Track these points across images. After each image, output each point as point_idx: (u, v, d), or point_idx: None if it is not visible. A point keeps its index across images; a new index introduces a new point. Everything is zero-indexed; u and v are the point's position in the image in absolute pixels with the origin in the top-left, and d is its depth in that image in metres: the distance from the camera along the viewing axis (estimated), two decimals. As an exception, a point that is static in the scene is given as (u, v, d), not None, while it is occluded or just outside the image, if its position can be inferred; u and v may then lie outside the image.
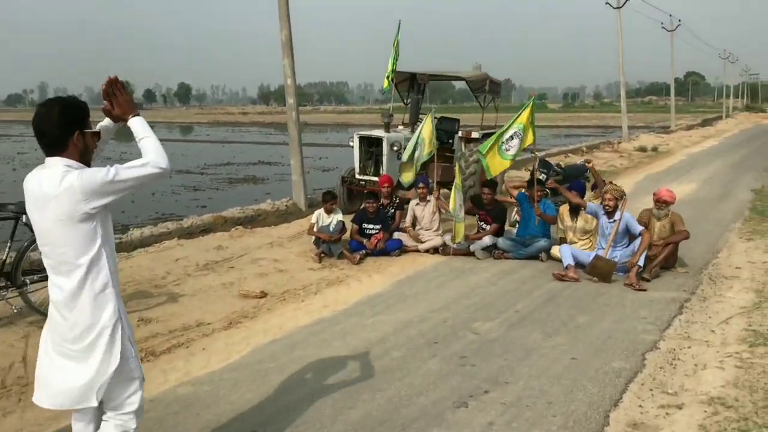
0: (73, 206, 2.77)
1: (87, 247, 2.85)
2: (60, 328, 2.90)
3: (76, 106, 2.93)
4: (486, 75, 11.88)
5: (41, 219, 2.85)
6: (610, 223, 8.05)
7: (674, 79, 53.40)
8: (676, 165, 21.87)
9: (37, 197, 2.84)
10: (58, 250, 2.86)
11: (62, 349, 2.91)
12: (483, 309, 6.71)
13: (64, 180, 2.76)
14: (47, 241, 2.88)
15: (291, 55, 13.56)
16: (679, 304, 6.86)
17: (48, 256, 2.91)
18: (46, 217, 2.82)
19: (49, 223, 2.82)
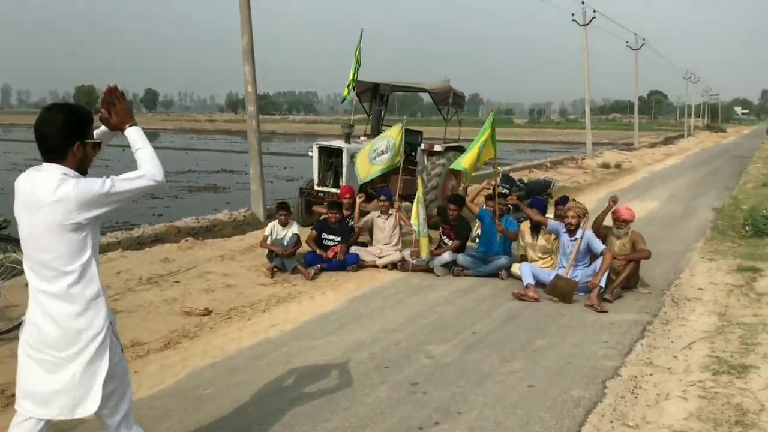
0: (66, 215, 2.75)
1: (76, 256, 2.83)
2: (42, 335, 2.86)
3: (81, 114, 2.91)
4: (449, 87, 11.65)
5: (30, 223, 2.81)
6: (571, 242, 7.84)
7: (638, 98, 54.10)
8: (638, 182, 21.94)
9: (29, 200, 2.81)
10: (44, 255, 2.82)
11: (43, 356, 2.86)
12: (439, 330, 6.40)
13: (59, 188, 2.73)
14: (32, 246, 2.85)
15: (252, 61, 13.19)
16: (641, 327, 6.64)
17: (31, 260, 2.87)
18: (35, 222, 2.79)
19: (39, 229, 2.79)
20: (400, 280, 8.42)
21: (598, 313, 7.08)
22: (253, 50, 13.18)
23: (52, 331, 2.84)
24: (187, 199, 21.15)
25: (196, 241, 10.02)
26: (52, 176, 2.78)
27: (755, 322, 6.68)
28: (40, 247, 2.82)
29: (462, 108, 12.44)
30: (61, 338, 2.84)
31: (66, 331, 2.84)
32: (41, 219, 2.78)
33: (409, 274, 8.68)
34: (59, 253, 2.81)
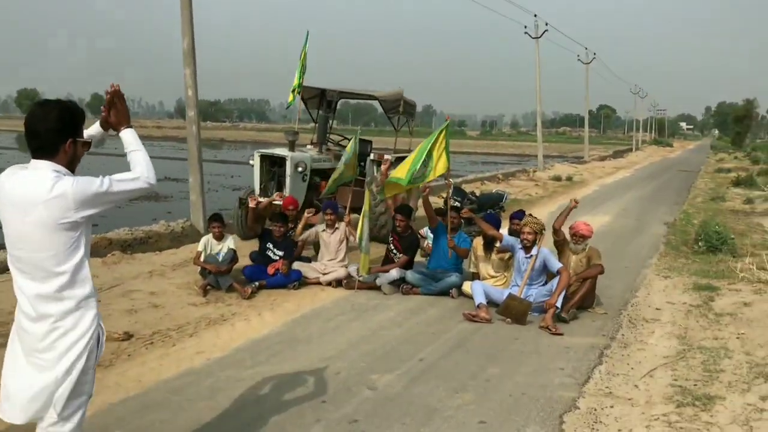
0: (62, 213, 2.69)
1: (69, 255, 2.77)
2: (29, 338, 2.80)
3: (75, 112, 2.85)
4: (400, 95, 11.18)
5: (20, 222, 2.73)
6: (526, 259, 7.41)
7: (588, 111, 54.75)
8: (590, 195, 21.83)
9: (18, 200, 2.73)
10: (36, 255, 2.75)
11: (33, 359, 2.80)
12: (383, 357, 5.86)
13: (56, 186, 2.68)
14: (23, 246, 2.76)
15: (193, 64, 12.51)
16: (599, 352, 6.22)
17: (21, 261, 2.79)
18: (27, 221, 2.71)
19: (31, 227, 2.72)
20: (344, 299, 7.86)
21: (553, 336, 6.64)
22: (194, 53, 12.51)
23: (35, 332, 2.78)
24: (125, 209, 20.00)
25: (124, 255, 9.29)
26: (45, 174, 2.72)
27: (716, 345, 6.33)
28: (32, 247, 2.75)
29: (413, 117, 11.99)
30: (43, 339, 2.77)
31: (49, 331, 2.77)
32: (35, 217, 2.70)
33: (354, 293, 8.12)
34: (53, 252, 2.75)
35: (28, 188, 2.72)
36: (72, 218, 2.72)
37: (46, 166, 2.76)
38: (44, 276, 2.77)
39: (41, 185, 2.69)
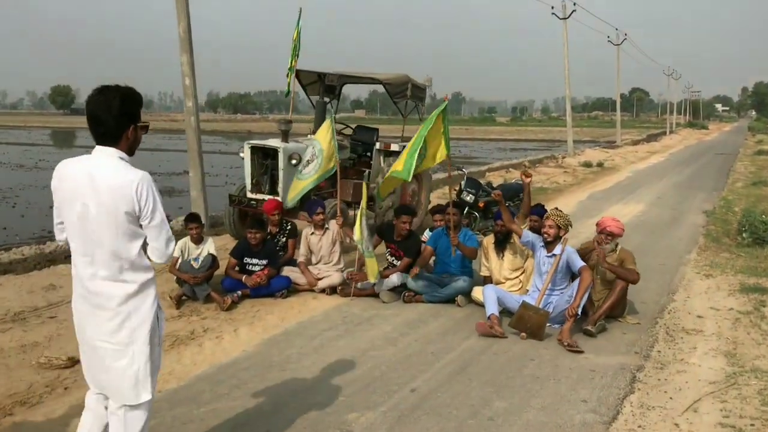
0: (125, 201, 2.80)
1: (131, 241, 2.88)
2: (97, 319, 2.94)
3: (135, 97, 2.93)
4: (407, 78, 10.12)
5: (86, 207, 2.84)
6: (548, 259, 6.37)
7: (620, 95, 52.95)
8: (622, 182, 20.55)
9: (86, 186, 2.83)
10: (100, 240, 2.86)
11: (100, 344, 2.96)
12: (367, 388, 4.88)
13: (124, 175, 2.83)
14: (91, 231, 2.87)
15: (190, 51, 11.59)
16: (630, 376, 5.18)
17: (84, 246, 2.91)
18: (93, 206, 2.83)
19: (96, 213, 2.84)
20: (336, 309, 6.91)
21: (576, 355, 5.61)
22: (191, 39, 11.59)
23: (103, 317, 2.92)
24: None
25: (100, 261, 8.42)
26: (113, 162, 2.86)
27: (774, 367, 5.25)
28: (98, 232, 2.86)
29: (423, 101, 10.92)
30: (111, 320, 2.91)
31: (117, 314, 2.90)
32: (101, 203, 2.82)
33: (350, 301, 7.17)
34: (116, 237, 2.86)
35: (96, 175, 2.83)
36: (131, 210, 2.84)
37: (111, 152, 2.89)
38: (108, 259, 2.89)
39: (111, 173, 2.84)
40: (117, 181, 2.82)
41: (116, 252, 2.88)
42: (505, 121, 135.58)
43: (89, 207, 2.84)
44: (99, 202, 2.83)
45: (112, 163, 2.86)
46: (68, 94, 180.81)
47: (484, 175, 21.23)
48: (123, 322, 2.92)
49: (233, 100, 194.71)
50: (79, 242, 2.92)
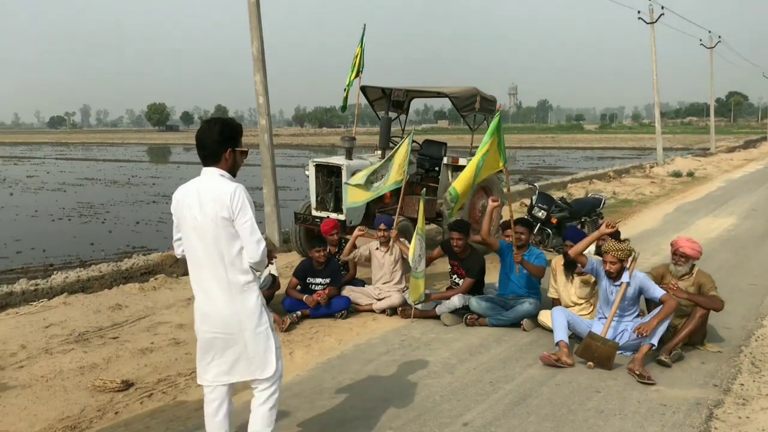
0: (223, 210, 3.35)
1: (233, 245, 3.41)
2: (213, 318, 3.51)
3: (234, 126, 3.53)
4: (475, 91, 9.85)
5: (197, 217, 3.41)
6: (615, 287, 5.96)
7: (716, 99, 50.58)
8: (713, 193, 19.46)
9: (200, 200, 3.41)
10: (209, 245, 3.42)
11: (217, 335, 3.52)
12: (418, 419, 4.66)
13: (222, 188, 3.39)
14: (200, 239, 3.43)
15: (263, 70, 11.79)
16: (706, 413, 4.75)
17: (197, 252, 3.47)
18: (202, 216, 3.40)
19: (204, 221, 3.40)
20: (395, 332, 6.71)
21: (645, 387, 5.21)
22: (264, 58, 11.78)
23: (220, 312, 3.47)
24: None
25: (168, 279, 8.55)
26: (216, 178, 3.43)
27: None
28: (207, 239, 3.40)
29: (492, 114, 10.61)
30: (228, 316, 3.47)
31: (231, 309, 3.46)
32: (207, 212, 3.38)
33: (410, 323, 6.97)
34: (221, 241, 3.38)
35: (209, 190, 3.40)
36: (227, 215, 3.36)
37: (214, 171, 3.46)
38: (218, 262, 3.42)
39: (211, 184, 3.41)
40: (216, 193, 3.38)
41: (227, 256, 3.41)
42: (593, 128, 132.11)
43: (198, 219, 3.41)
44: (204, 213, 3.39)
45: (217, 179, 3.43)
46: (163, 111, 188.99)
47: (566, 186, 20.62)
48: (236, 314, 3.46)
49: (319, 114, 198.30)
50: (198, 250, 3.46)
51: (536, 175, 30.96)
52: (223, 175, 3.45)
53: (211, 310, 3.49)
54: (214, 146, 3.44)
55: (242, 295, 3.46)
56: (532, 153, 56.01)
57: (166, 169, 42.08)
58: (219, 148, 3.45)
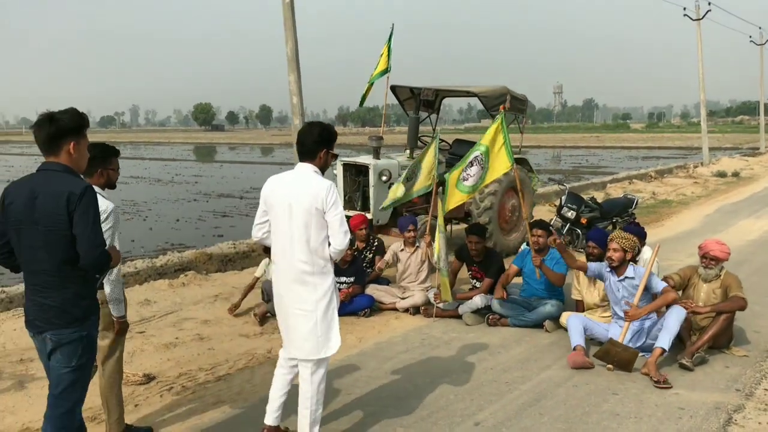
0: (317, 202, 3.78)
1: (319, 234, 3.84)
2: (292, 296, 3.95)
3: (330, 130, 4.01)
4: (505, 89, 9.79)
5: (289, 206, 3.84)
6: (621, 283, 5.88)
7: (765, 97, 49.12)
8: (758, 194, 18.95)
9: (290, 191, 3.85)
10: (298, 232, 3.83)
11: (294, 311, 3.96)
12: (429, 418, 4.68)
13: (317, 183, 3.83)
14: (289, 225, 3.85)
15: (297, 70, 11.92)
16: (725, 417, 4.66)
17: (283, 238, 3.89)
18: (295, 205, 3.83)
19: (296, 210, 3.82)
20: (417, 331, 6.74)
21: (661, 390, 5.13)
22: (298, 59, 11.91)
23: (299, 291, 3.88)
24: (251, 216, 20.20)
25: (197, 276, 8.72)
26: (308, 173, 3.88)
27: None
28: (296, 226, 3.82)
29: (524, 113, 10.53)
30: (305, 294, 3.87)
31: (319, 288, 3.88)
32: (301, 202, 3.80)
33: (432, 322, 6.99)
34: (309, 230, 3.79)
35: (297, 183, 3.85)
36: (320, 207, 3.78)
37: (308, 167, 3.92)
38: (303, 247, 3.83)
39: (307, 178, 3.85)
40: (310, 188, 3.79)
41: (311, 241, 3.82)
42: (640, 127, 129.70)
43: (293, 207, 3.80)
44: (299, 202, 3.78)
45: (308, 174, 3.87)
46: (209, 111, 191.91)
47: (605, 186, 20.34)
48: (321, 296, 3.88)
49: (361, 114, 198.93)
50: (284, 236, 3.87)
51: (578, 174, 30.56)
52: (316, 172, 3.90)
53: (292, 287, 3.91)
54: (313, 145, 3.91)
55: (319, 277, 3.89)
56: (575, 153, 55.27)
57: (208, 168, 42.76)
58: (317, 147, 3.92)
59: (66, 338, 3.21)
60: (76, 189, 3.10)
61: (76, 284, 3.23)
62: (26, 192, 3.16)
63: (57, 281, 3.19)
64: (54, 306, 3.20)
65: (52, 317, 3.20)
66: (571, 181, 22.30)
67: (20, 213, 3.16)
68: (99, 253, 3.13)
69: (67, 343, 3.22)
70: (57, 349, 3.23)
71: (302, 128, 3.98)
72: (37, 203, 3.12)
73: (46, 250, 3.14)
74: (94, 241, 3.12)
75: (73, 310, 3.22)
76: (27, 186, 3.19)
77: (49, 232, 3.11)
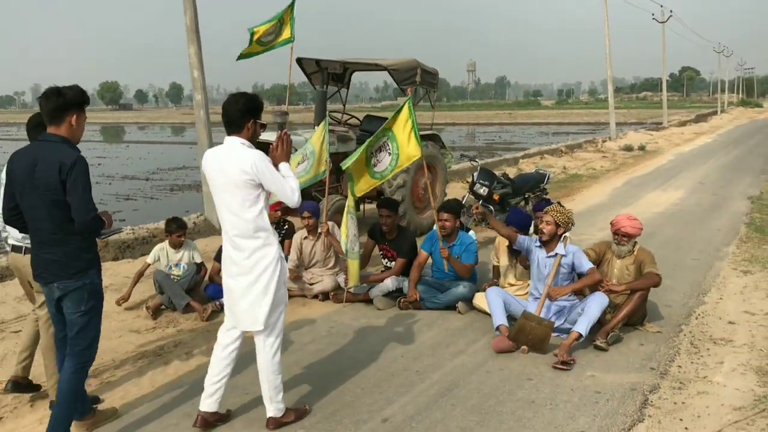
0: (245, 174, 3.71)
1: (252, 206, 3.79)
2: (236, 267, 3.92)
3: (256, 100, 3.93)
4: (415, 63, 9.43)
5: (222, 179, 3.79)
6: (547, 260, 5.67)
7: (669, 75, 51.04)
8: (663, 166, 19.48)
9: (221, 164, 3.79)
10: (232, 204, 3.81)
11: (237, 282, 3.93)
12: (334, 416, 4.30)
13: (244, 154, 3.75)
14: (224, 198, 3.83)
15: (197, 41, 11.17)
16: (641, 399, 4.49)
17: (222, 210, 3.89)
18: (224, 178, 3.78)
19: (227, 183, 3.77)
20: (325, 318, 6.34)
21: (579, 372, 4.94)
22: (197, 29, 11.16)
23: (241, 261, 3.87)
24: (162, 200, 19.28)
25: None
26: (235, 145, 3.82)
27: (815, 389, 4.50)
28: (230, 199, 3.81)
29: (435, 88, 10.21)
30: (247, 267, 3.86)
31: (251, 260, 3.84)
32: (230, 175, 3.76)
33: (342, 308, 6.61)
34: (242, 202, 3.77)
35: (226, 156, 3.79)
36: (250, 179, 3.71)
37: (235, 140, 3.83)
38: (240, 220, 3.79)
39: (234, 152, 3.77)
40: (238, 159, 3.71)
41: (243, 214, 3.78)
42: (550, 104, 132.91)
43: (223, 179, 3.76)
44: (228, 175, 3.73)
45: (235, 146, 3.79)
46: (116, 90, 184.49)
47: (518, 162, 20.44)
48: (253, 266, 3.82)
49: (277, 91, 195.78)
50: (220, 207, 3.87)
51: (491, 151, 30.81)
52: (243, 143, 3.81)
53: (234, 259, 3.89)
54: (238, 116, 3.81)
55: (261, 250, 3.83)
56: (488, 129, 55.94)
57: (113, 149, 40.89)
58: (242, 117, 3.81)
59: (71, 287, 3.63)
60: (68, 160, 3.48)
61: (77, 240, 3.61)
62: (28, 159, 3.58)
63: (58, 238, 3.58)
64: (57, 260, 3.60)
65: (57, 270, 3.61)
66: (485, 157, 22.36)
67: (23, 178, 3.58)
68: (91, 218, 3.53)
69: (72, 290, 3.64)
70: (65, 296, 3.66)
71: (226, 100, 3.86)
72: (36, 170, 3.52)
73: (46, 212, 3.54)
74: (85, 207, 3.51)
75: (75, 263, 3.62)
76: (29, 154, 3.63)
77: (45, 196, 3.51)
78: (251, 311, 3.85)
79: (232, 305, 3.97)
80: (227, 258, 3.94)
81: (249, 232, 3.79)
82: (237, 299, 3.90)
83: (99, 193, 19.68)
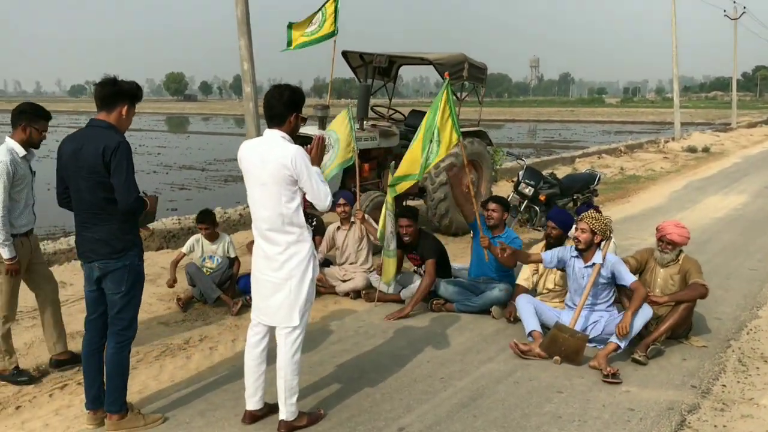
0: (285, 169, 3.62)
1: (290, 201, 3.70)
2: (268, 263, 3.84)
3: (300, 93, 3.82)
4: (463, 57, 9.17)
5: (260, 173, 3.70)
6: (587, 270, 5.38)
7: (741, 74, 49.05)
8: (727, 169, 18.64)
9: (261, 158, 3.69)
10: (269, 199, 3.72)
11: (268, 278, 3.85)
12: (349, 422, 4.15)
13: (285, 149, 3.64)
14: (262, 192, 3.74)
15: (248, 34, 11.18)
16: (678, 420, 4.20)
17: (258, 205, 3.80)
18: (265, 172, 3.67)
19: (267, 177, 3.68)
20: (354, 317, 6.20)
21: (613, 387, 4.66)
22: (249, 22, 11.17)
23: (274, 256, 3.78)
24: (216, 191, 19.52)
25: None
26: (277, 140, 3.71)
27: None
28: (268, 193, 3.71)
29: (483, 83, 9.92)
30: (280, 261, 3.77)
31: (284, 254, 3.75)
32: (270, 169, 3.66)
33: (373, 307, 6.46)
34: (280, 197, 3.68)
35: (266, 150, 3.69)
36: (289, 174, 3.63)
37: (275, 133, 3.75)
38: (276, 215, 3.70)
39: (275, 146, 3.68)
40: (278, 154, 3.62)
41: (281, 209, 3.69)
42: (615, 102, 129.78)
43: (263, 173, 3.67)
44: (267, 169, 3.64)
45: (276, 140, 3.70)
46: (182, 81, 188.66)
47: (574, 161, 19.92)
48: (285, 261, 3.75)
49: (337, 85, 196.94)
50: (255, 201, 3.79)
51: (549, 149, 30.17)
52: (284, 137, 3.71)
53: (267, 254, 3.81)
54: (282, 109, 3.72)
55: (294, 246, 3.74)
56: (549, 127, 54.95)
57: (174, 139, 41.72)
58: (286, 111, 3.73)
59: (112, 266, 3.76)
60: (111, 143, 3.62)
61: (118, 221, 3.72)
62: (76, 144, 3.75)
63: (101, 218, 3.73)
64: (99, 239, 3.74)
65: (99, 248, 3.75)
66: (542, 154, 21.87)
67: (69, 161, 3.76)
68: (133, 199, 3.66)
69: (112, 270, 3.76)
70: (105, 276, 3.79)
71: (269, 92, 3.77)
72: (81, 153, 3.69)
73: (89, 193, 3.70)
74: (128, 189, 3.63)
75: (116, 243, 3.74)
76: (77, 139, 3.78)
77: (90, 179, 3.66)
78: (284, 307, 3.79)
79: (260, 301, 3.91)
80: (258, 253, 3.87)
81: (284, 227, 3.71)
82: (267, 295, 3.83)
83: (155, 183, 20.08)
